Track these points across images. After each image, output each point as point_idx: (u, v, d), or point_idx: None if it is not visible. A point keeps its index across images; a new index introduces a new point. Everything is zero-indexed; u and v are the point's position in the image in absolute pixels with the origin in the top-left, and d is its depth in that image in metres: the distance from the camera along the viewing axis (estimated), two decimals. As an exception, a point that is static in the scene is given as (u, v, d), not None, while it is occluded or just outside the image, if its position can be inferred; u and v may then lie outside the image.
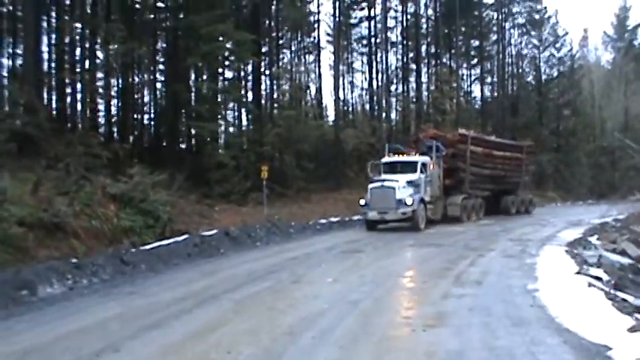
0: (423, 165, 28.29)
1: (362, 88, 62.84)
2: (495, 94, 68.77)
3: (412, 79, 60.57)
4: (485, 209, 34.55)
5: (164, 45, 39.35)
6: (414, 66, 60.31)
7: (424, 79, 60.74)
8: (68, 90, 32.66)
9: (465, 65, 67.91)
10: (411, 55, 60.77)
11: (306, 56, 58.30)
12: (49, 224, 16.09)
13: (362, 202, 27.18)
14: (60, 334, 9.20)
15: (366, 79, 60.90)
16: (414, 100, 58.61)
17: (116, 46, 33.06)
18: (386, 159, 29.95)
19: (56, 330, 9.45)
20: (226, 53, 35.83)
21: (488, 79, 70.03)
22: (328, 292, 12.38)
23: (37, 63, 29.06)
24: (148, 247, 17.62)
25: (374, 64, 59.24)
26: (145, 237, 18.91)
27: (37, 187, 17.63)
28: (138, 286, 13.54)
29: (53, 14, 33.13)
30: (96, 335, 9.07)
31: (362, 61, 62.99)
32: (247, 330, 9.18)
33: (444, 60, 63.32)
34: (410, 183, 26.98)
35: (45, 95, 32.38)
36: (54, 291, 12.64)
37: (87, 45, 34.14)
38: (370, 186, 27.14)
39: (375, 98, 57.27)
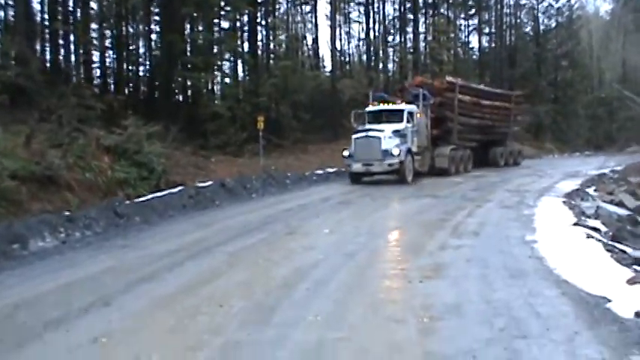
0: (410, 114, 27.02)
1: (359, 39, 62.44)
2: (493, 44, 68.21)
3: (409, 29, 59.93)
4: (473, 161, 33.43)
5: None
6: (411, 16, 59.61)
7: (421, 29, 60.28)
8: (61, 41, 32.37)
9: (462, 15, 67.18)
10: (408, 5, 60.02)
11: (303, 6, 57.82)
12: (42, 177, 15.93)
13: (345, 153, 25.94)
14: (50, 288, 9.08)
15: (363, 29, 60.41)
16: (412, 50, 57.98)
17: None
18: (370, 108, 28.39)
19: (47, 284, 9.32)
20: (222, 3, 35.44)
21: (486, 30, 69.35)
22: (323, 243, 12.22)
23: (28, 14, 28.76)
24: (142, 199, 17.53)
25: (371, 14, 58.87)
26: (139, 189, 18.79)
27: (30, 140, 17.40)
28: (131, 238, 13.41)
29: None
30: (86, 289, 8.93)
31: (359, 12, 62.33)
32: (240, 282, 9.07)
33: (442, 10, 62.57)
34: (396, 133, 25.73)
35: (38, 47, 32.17)
36: (46, 244, 12.51)
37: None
38: (354, 136, 25.92)
39: (372, 49, 57.03)
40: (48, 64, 30.89)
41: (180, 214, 16.84)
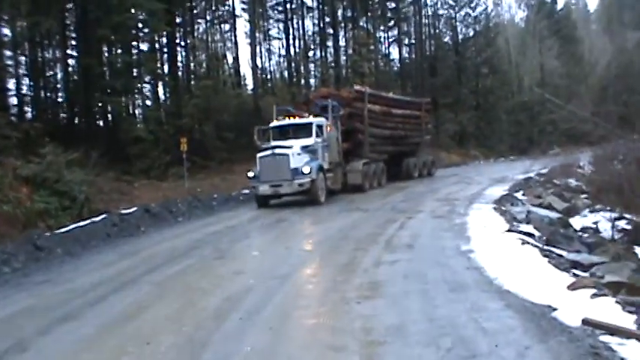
0: (319, 127, 24.76)
1: (280, 55, 62.27)
2: (414, 55, 68.88)
3: (330, 43, 60.13)
4: (386, 174, 31.26)
5: (74, 18, 37.85)
6: (331, 30, 59.83)
7: (342, 43, 60.51)
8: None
9: (382, 28, 67.60)
10: (327, 19, 60.23)
11: (222, 25, 57.45)
12: (-47, 212, 15.16)
13: (250, 174, 23.48)
14: None
15: (283, 46, 60.34)
16: (333, 64, 58.14)
17: (23, 23, 31.75)
18: (275, 123, 25.88)
19: None
20: (140, 25, 34.78)
21: (406, 41, 69.98)
22: (254, 267, 11.85)
23: None
24: (63, 230, 16.78)
25: (290, 30, 58.81)
26: (61, 219, 18.10)
27: (-61, 174, 16.61)
28: (53, 272, 12.75)
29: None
30: (2, 332, 8.29)
31: (278, 28, 62.28)
32: (168, 316, 8.50)
33: (361, 23, 62.91)
34: (305, 149, 23.51)
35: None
36: (-44, 286, 11.76)
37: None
38: (259, 155, 23.29)
39: (293, 65, 56.85)
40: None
41: (104, 244, 16.17)
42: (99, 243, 16.29)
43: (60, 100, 39.04)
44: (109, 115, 36.84)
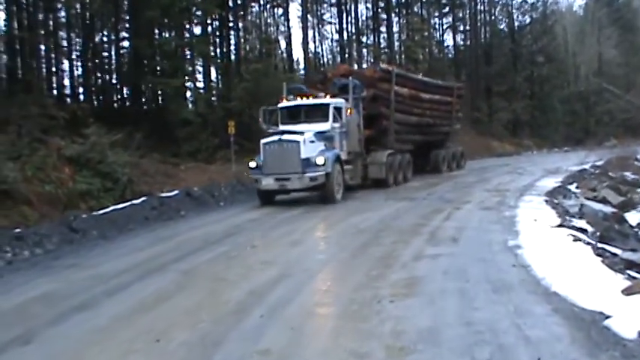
0: (337, 110, 21.18)
1: (332, 40, 61.81)
2: (468, 42, 67.98)
3: (383, 29, 59.54)
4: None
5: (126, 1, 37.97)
6: (384, 16, 59.19)
7: (395, 28, 59.85)
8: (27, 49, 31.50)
9: (436, 14, 66.80)
10: (381, 4, 59.60)
11: (275, 9, 57.27)
12: (-3, 192, 15.06)
13: (252, 164, 19.99)
14: None
15: (336, 30, 59.87)
16: (386, 50, 57.48)
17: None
18: (284, 103, 22.25)
19: None
20: (190, 7, 34.61)
21: (461, 28, 69.14)
22: (285, 257, 11.26)
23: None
24: (101, 212, 16.55)
25: (344, 14, 58.34)
26: (103, 201, 18.03)
27: (-15, 153, 16.56)
28: (82, 256, 12.43)
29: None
30: (10, 322, 7.91)
31: (332, 13, 61.82)
32: (187, 309, 8.02)
33: (415, 9, 62.23)
34: (320, 135, 20.09)
35: (5, 56, 31.51)
36: (-12, 266, 11.54)
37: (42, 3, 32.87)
38: (263, 141, 19.73)
39: (346, 50, 56.37)
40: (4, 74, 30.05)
41: (141, 227, 15.82)
42: (136, 226, 15.96)
43: (114, 82, 39.40)
44: (159, 98, 36.95)
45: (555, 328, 6.53)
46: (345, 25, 57.81)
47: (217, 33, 41.89)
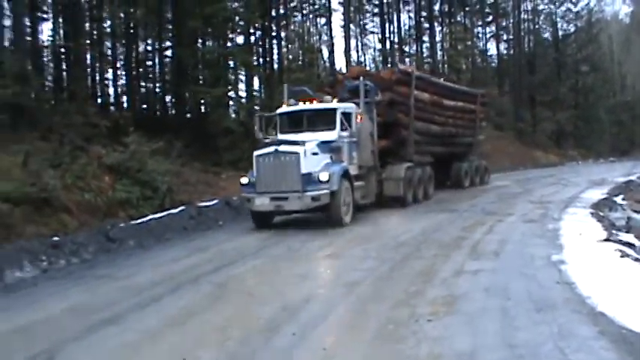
0: (346, 116, 18.39)
1: (375, 49, 61.80)
2: (512, 51, 67.47)
3: (426, 38, 59.40)
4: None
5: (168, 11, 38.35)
6: (427, 25, 59.03)
7: (438, 38, 59.71)
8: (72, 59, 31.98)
9: (479, 23, 66.51)
10: (424, 13, 59.51)
11: (318, 19, 57.47)
12: (37, 199, 15.11)
13: (243, 180, 17.34)
14: None
15: (379, 39, 59.88)
16: (429, 59, 57.27)
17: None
18: (284, 108, 19.44)
19: None
20: (233, 16, 34.75)
21: (504, 37, 68.68)
22: (322, 271, 11.19)
23: (34, 31, 28.38)
24: (138, 221, 16.48)
25: (386, 24, 58.31)
26: (143, 209, 17.96)
27: (28, 160, 16.64)
28: (117, 266, 12.36)
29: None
30: (37, 335, 7.81)
31: (374, 22, 61.87)
32: (217, 325, 7.80)
33: (458, 18, 61.98)
34: (325, 146, 17.34)
35: (52, 65, 32.14)
36: (24, 275, 11.44)
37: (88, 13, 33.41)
38: (256, 153, 16.97)
39: (388, 59, 56.24)
40: (51, 82, 30.47)
41: (178, 237, 15.68)
42: (173, 236, 15.85)
43: (157, 90, 39.82)
44: (201, 107, 37.16)
45: (602, 352, 6.15)
46: (387, 35, 57.92)
47: (260, 42, 42.04)
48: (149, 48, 40.78)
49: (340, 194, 16.60)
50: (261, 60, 41.71)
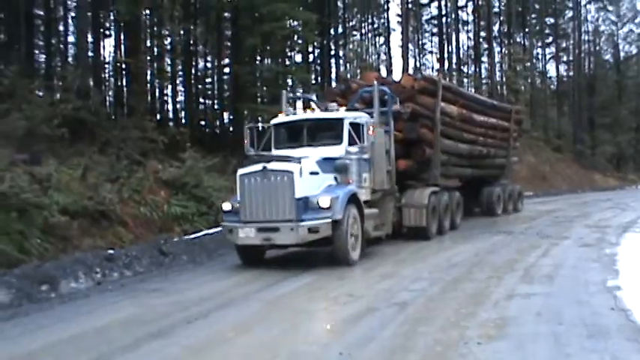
0: (356, 128, 15.35)
1: (433, 69, 61.70)
2: (571, 73, 66.77)
3: (484, 59, 59.10)
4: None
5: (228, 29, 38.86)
6: (486, 45, 58.77)
7: (497, 58, 59.31)
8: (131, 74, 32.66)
9: (539, 44, 66.00)
10: (482, 34, 59.29)
11: (377, 38, 57.69)
12: (94, 212, 15.42)
13: (225, 207, 14.43)
14: (47, 343, 8.07)
15: (437, 59, 59.81)
16: (487, 80, 56.96)
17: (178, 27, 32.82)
18: (280, 118, 16.27)
19: (47, 337, 8.36)
20: (291, 34, 35.06)
21: (564, 58, 68.02)
22: (374, 290, 10.90)
23: (95, 47, 29.00)
24: (192, 236, 16.66)
25: (445, 44, 58.20)
26: (197, 224, 18.22)
27: (86, 174, 16.96)
28: (168, 281, 12.50)
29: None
30: (86, 346, 7.88)
31: (433, 42, 61.87)
32: (264, 343, 7.75)
33: (517, 39, 61.57)
34: (328, 164, 14.29)
35: (113, 80, 32.87)
36: (78, 286, 11.69)
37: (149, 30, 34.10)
38: (240, 172, 13.95)
39: (447, 79, 56.13)
40: (111, 97, 31.09)
41: (231, 253, 15.21)
42: (226, 252, 15.65)
43: (215, 107, 40.30)
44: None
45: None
46: (445, 55, 57.71)
47: (318, 61, 42.30)
48: (208, 65, 41.29)
49: (345, 224, 13.38)
50: (319, 79, 41.94)
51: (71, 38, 32.42)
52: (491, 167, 26.37)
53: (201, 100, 40.26)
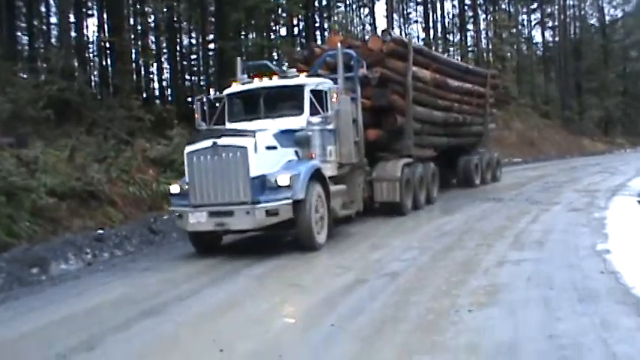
0: (318, 96, 13.79)
1: (419, 39, 61.53)
2: (557, 38, 66.67)
3: (470, 27, 58.97)
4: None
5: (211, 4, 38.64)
6: (470, 13, 58.60)
7: (482, 26, 59.12)
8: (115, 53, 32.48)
9: (524, 10, 65.78)
10: (467, 1, 59.06)
11: (361, 9, 57.42)
12: (83, 193, 15.31)
13: (173, 189, 12.93)
14: (39, 326, 8.03)
15: (422, 29, 59.57)
16: (473, 48, 56.85)
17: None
18: (234, 87, 14.54)
19: (39, 320, 8.31)
20: (275, 8, 34.86)
21: (549, 23, 67.83)
22: (364, 261, 10.91)
23: (77, 27, 28.82)
24: (181, 213, 16.71)
25: (430, 13, 57.98)
26: (187, 202, 18.14)
27: (73, 155, 16.86)
28: (159, 259, 12.49)
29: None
30: (79, 326, 7.85)
31: (418, 11, 61.56)
32: (255, 317, 7.72)
33: (503, 5, 61.42)
34: (287, 137, 12.85)
35: (97, 60, 32.71)
36: (69, 267, 11.62)
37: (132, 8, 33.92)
38: (187, 149, 12.40)
39: (432, 48, 56.02)
40: (96, 77, 30.92)
41: None
42: (216, 228, 15.82)
43: (201, 83, 40.08)
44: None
45: (646, 343, 5.97)
46: (431, 24, 57.50)
47: (303, 33, 42.08)
48: (193, 41, 41.01)
49: (309, 204, 11.95)
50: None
51: (53, 19, 32.09)
52: (468, 135, 25.08)
53: (187, 76, 40.02)
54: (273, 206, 11.49)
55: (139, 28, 34.68)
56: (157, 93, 37.51)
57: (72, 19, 29.13)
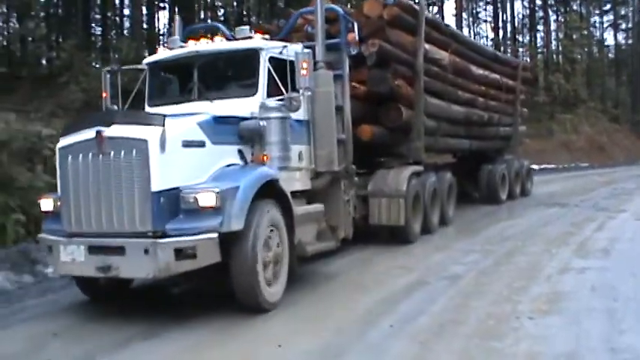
0: (279, 66, 8.98)
1: (488, 38, 60.96)
2: (630, 41, 65.32)
3: (540, 27, 58.21)
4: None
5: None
6: (541, 14, 57.85)
7: (553, 27, 58.40)
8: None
9: (596, 11, 64.64)
10: (538, 2, 58.35)
11: (430, 7, 57.17)
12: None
13: (46, 205, 8.11)
14: None
15: (492, 28, 59.07)
16: (542, 49, 56.11)
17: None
18: (160, 54, 9.86)
19: None
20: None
21: (623, 26, 66.52)
22: (427, 262, 10.68)
23: (150, 19, 29.30)
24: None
25: (500, 12, 57.41)
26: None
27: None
28: None
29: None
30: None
31: (487, 11, 61.05)
32: (312, 316, 7.60)
33: (574, 7, 60.45)
34: (225, 128, 8.22)
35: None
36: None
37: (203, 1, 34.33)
38: (61, 144, 7.65)
39: (501, 48, 55.49)
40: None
41: None
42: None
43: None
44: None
45: None
46: (500, 24, 56.91)
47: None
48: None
49: (252, 239, 7.38)
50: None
51: (126, 11, 32.73)
52: (495, 138, 20.52)
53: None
54: (187, 242, 6.97)
55: (209, 21, 35.07)
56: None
57: (144, 11, 29.59)
